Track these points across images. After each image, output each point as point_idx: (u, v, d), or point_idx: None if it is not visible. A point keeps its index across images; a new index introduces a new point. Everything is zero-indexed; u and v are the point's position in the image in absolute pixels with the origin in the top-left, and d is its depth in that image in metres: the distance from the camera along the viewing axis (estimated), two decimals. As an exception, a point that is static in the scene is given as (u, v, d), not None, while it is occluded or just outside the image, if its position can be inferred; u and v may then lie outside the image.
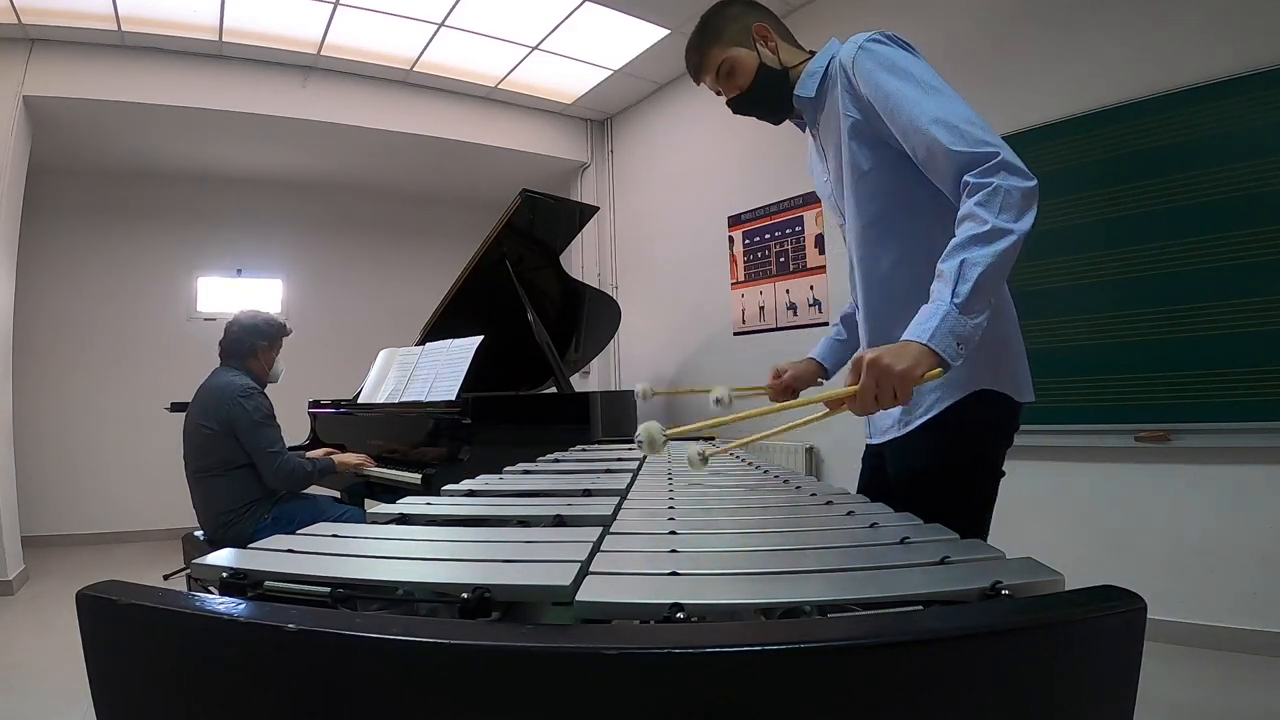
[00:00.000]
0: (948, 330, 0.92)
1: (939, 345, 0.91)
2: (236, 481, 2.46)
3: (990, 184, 0.97)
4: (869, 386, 0.90)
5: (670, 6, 3.81)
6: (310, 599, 0.56)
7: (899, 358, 0.90)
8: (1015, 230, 0.95)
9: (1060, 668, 0.42)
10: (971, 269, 0.93)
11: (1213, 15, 2.38)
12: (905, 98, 1.06)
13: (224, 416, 2.43)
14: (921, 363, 0.90)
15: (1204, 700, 2.04)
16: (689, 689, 0.37)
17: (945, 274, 0.96)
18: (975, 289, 0.93)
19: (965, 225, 0.98)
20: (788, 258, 3.89)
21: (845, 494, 1.03)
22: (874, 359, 0.90)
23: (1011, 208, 0.96)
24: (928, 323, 0.93)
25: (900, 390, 0.90)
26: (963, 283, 0.93)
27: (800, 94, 1.24)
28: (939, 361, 0.92)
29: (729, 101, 1.31)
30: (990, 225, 0.95)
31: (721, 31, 1.26)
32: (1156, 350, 2.47)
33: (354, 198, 5.95)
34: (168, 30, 3.82)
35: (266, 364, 2.70)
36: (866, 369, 0.90)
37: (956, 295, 0.93)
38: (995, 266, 0.94)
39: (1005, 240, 0.94)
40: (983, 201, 0.97)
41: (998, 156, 0.98)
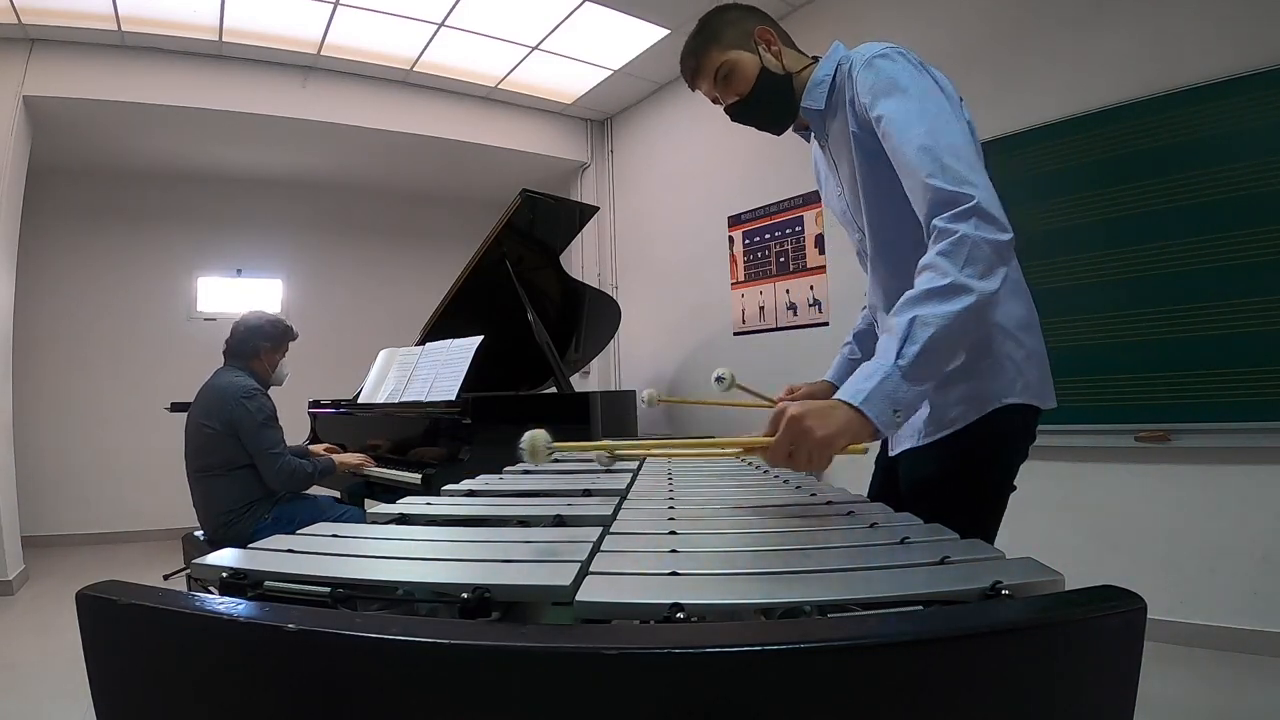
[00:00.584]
0: (885, 394, 0.83)
1: (872, 412, 0.83)
2: (237, 482, 2.46)
3: (957, 232, 0.88)
4: (783, 444, 0.82)
5: (670, 6, 3.81)
6: (310, 599, 0.56)
7: (823, 421, 0.81)
8: (977, 290, 0.86)
9: (1060, 668, 0.42)
10: (921, 330, 0.85)
11: (1213, 15, 2.38)
12: (895, 119, 1.00)
13: (226, 417, 2.43)
14: (847, 431, 0.82)
15: (1204, 700, 2.04)
16: (689, 689, 0.37)
17: (893, 329, 0.87)
18: (923, 353, 0.84)
19: (924, 276, 0.89)
20: (788, 258, 3.89)
21: (845, 494, 1.03)
22: (796, 416, 0.82)
23: (978, 262, 0.87)
24: (864, 383, 0.84)
25: (816, 457, 0.82)
26: (910, 344, 0.84)
27: (809, 105, 1.18)
28: (869, 429, 0.83)
29: (728, 108, 1.22)
30: (950, 280, 0.86)
31: (720, 34, 1.18)
32: (1156, 350, 2.47)
33: (354, 198, 5.95)
34: (168, 30, 3.82)
35: (270, 365, 2.69)
36: (785, 425, 0.82)
37: (901, 357, 0.84)
38: (949, 330, 0.85)
39: (964, 300, 0.85)
40: (947, 251, 0.88)
41: (972, 201, 0.90)
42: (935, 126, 0.97)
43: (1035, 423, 1.12)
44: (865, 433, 0.84)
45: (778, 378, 1.54)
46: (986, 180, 0.94)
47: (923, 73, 1.05)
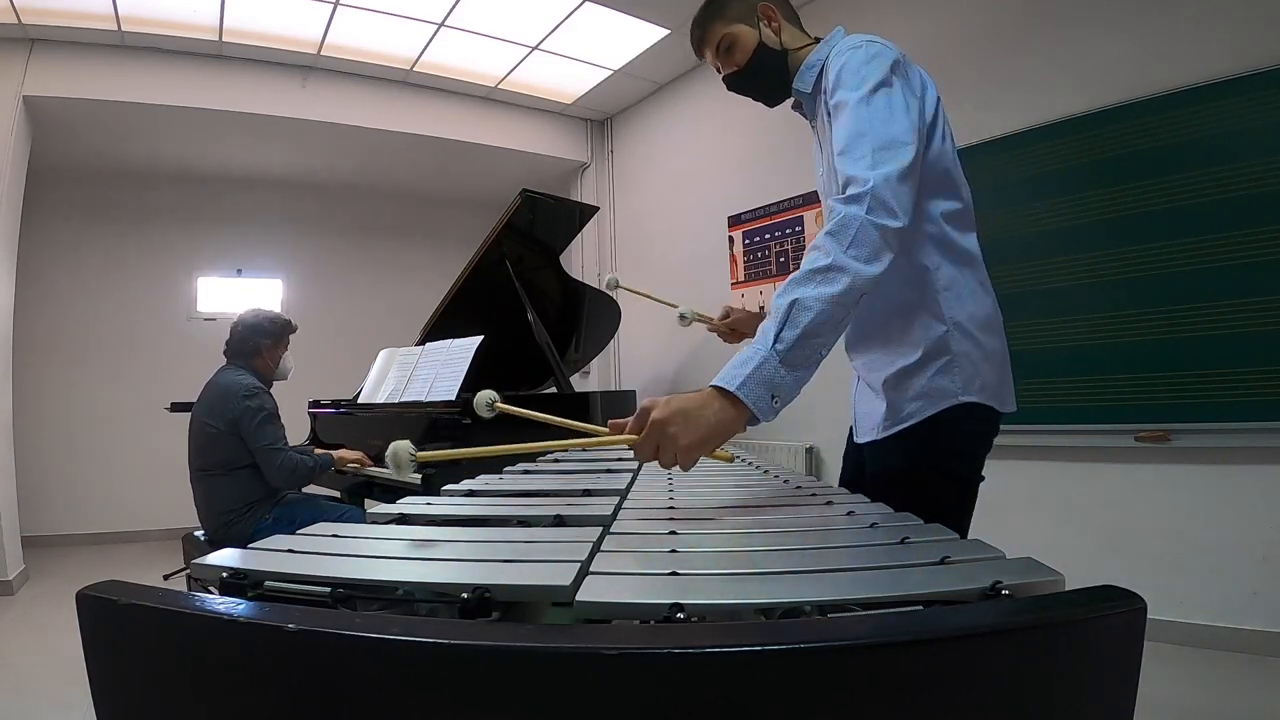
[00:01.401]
0: (762, 380, 0.82)
1: (748, 396, 0.82)
2: (238, 481, 2.46)
3: (843, 212, 0.90)
4: (648, 446, 0.81)
5: (670, 6, 3.81)
6: (310, 599, 0.56)
7: (687, 427, 0.79)
8: (857, 273, 0.86)
9: (1060, 668, 0.42)
10: (802, 314, 0.84)
11: (1213, 15, 2.38)
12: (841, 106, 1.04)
13: (229, 416, 2.44)
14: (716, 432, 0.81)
15: (1204, 700, 2.04)
16: (689, 689, 0.37)
17: (774, 312, 0.87)
18: (801, 337, 0.83)
19: (810, 255, 0.90)
20: (788, 258, 3.89)
21: (845, 494, 1.03)
22: (660, 421, 0.79)
23: (863, 244, 0.87)
24: (740, 368, 0.83)
25: (682, 460, 0.81)
26: (789, 328, 0.84)
27: (798, 87, 1.24)
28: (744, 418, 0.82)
29: (725, 78, 1.28)
30: (831, 260, 0.86)
31: (726, 6, 1.24)
32: (1156, 350, 2.47)
33: (354, 198, 5.95)
34: (168, 30, 3.82)
35: (272, 362, 2.69)
36: (649, 428, 0.80)
37: (780, 341, 0.83)
38: (828, 314, 0.84)
39: (843, 280, 0.85)
40: (834, 231, 0.89)
41: (868, 184, 0.90)
42: (870, 116, 0.99)
43: (995, 422, 1.15)
44: (740, 423, 0.83)
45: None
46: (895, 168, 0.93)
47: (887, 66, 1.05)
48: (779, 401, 0.83)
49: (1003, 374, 1.15)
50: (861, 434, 1.24)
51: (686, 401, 0.81)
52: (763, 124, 4.05)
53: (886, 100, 1.01)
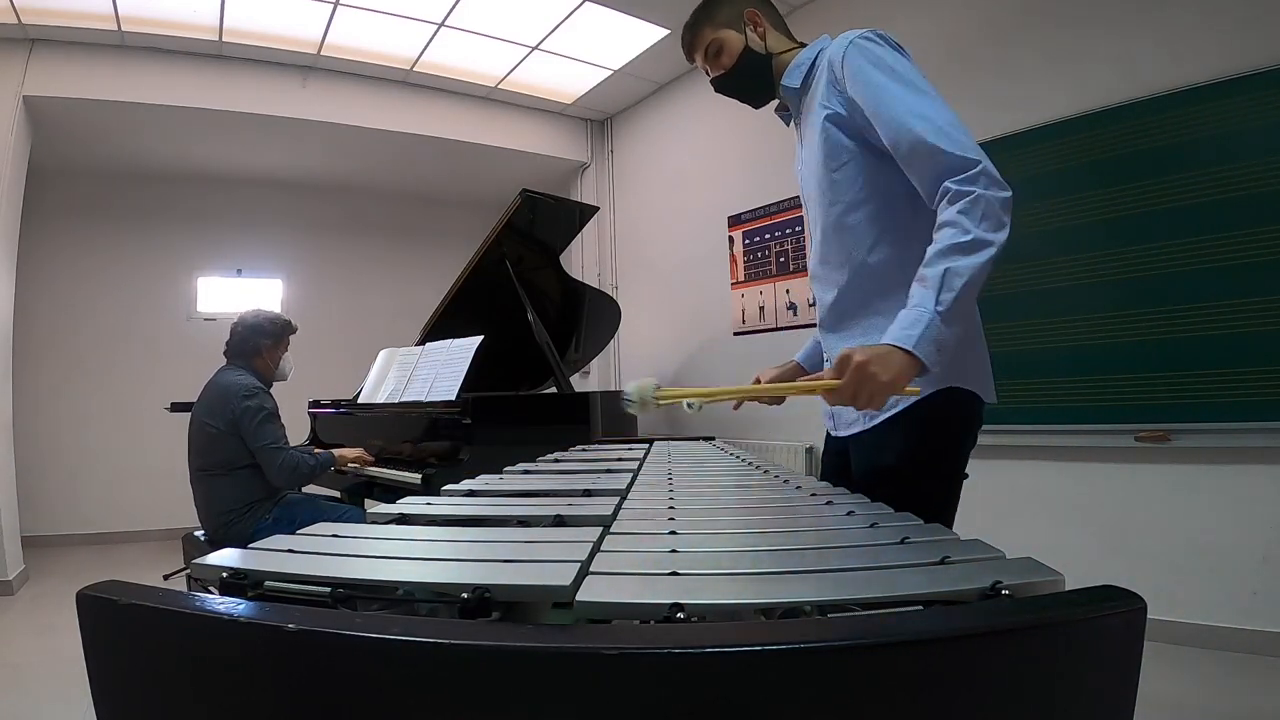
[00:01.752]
0: (931, 338, 0.94)
1: (922, 352, 0.93)
2: (239, 481, 2.46)
3: (972, 192, 0.99)
4: (849, 386, 0.92)
5: (670, 6, 3.82)
6: (310, 599, 0.56)
7: (885, 366, 0.92)
8: (994, 242, 0.97)
9: (1060, 668, 0.42)
10: (955, 279, 0.96)
11: (1213, 15, 2.38)
12: (892, 94, 1.08)
13: (229, 416, 2.44)
14: (905, 373, 0.93)
15: (1204, 700, 2.04)
16: (689, 689, 0.37)
17: (928, 279, 0.97)
18: (957, 300, 0.95)
19: (946, 231, 0.99)
20: (788, 258, 3.89)
21: (845, 494, 1.03)
22: (862, 362, 0.92)
23: (991, 217, 0.98)
24: (911, 329, 0.95)
25: (877, 398, 0.92)
26: (946, 291, 0.95)
27: (786, 83, 1.27)
28: (920, 368, 0.94)
29: (712, 81, 1.34)
30: (972, 235, 0.97)
31: (715, 13, 1.29)
32: (1156, 350, 2.47)
33: (353, 198, 5.95)
34: (168, 30, 3.82)
35: (272, 363, 2.70)
36: (853, 369, 0.92)
37: (940, 303, 0.95)
38: (975, 279, 0.96)
39: (986, 252, 0.97)
40: (965, 210, 0.99)
41: (979, 165, 1.00)
42: (932, 102, 1.07)
43: (980, 412, 1.17)
44: (915, 371, 0.95)
45: (778, 378, 1.55)
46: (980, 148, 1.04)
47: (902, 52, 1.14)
48: (943, 355, 0.95)
49: (984, 363, 1.18)
50: (843, 426, 1.26)
51: (879, 350, 0.94)
52: (763, 124, 4.04)
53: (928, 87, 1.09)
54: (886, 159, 1.12)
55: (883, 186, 1.15)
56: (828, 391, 0.96)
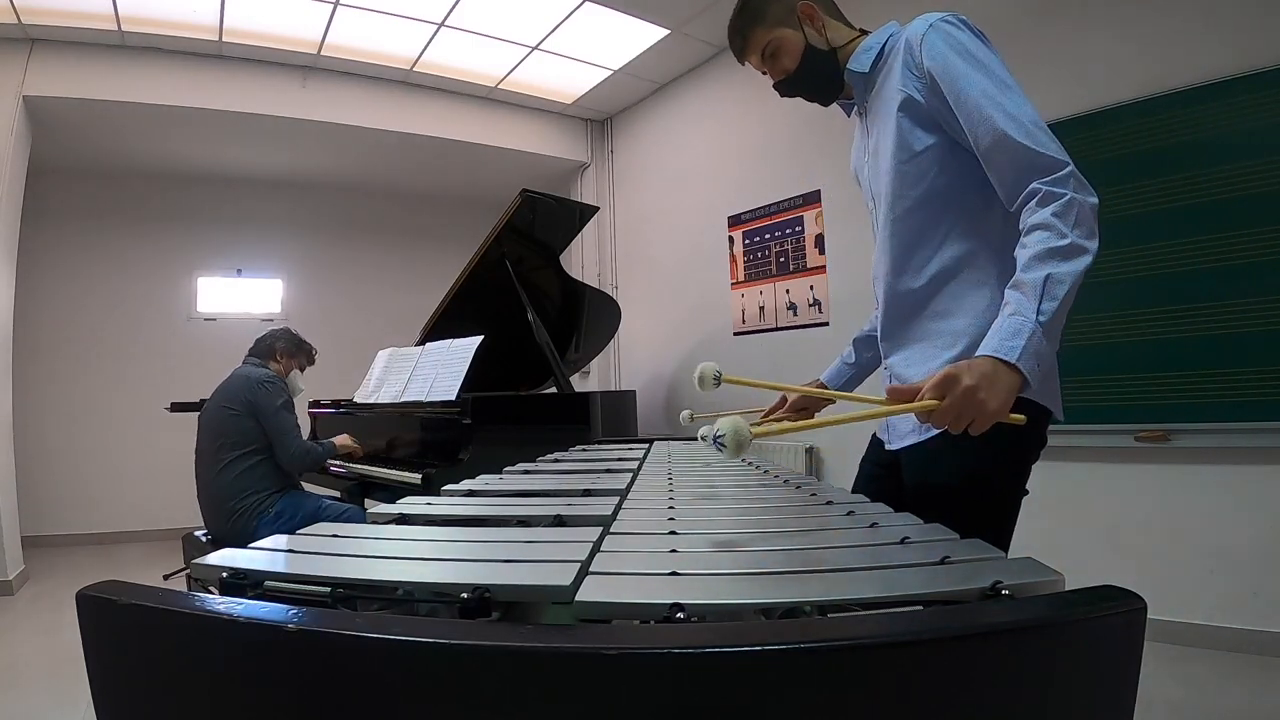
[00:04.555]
0: (1033, 351, 0.86)
1: (1026, 366, 0.85)
2: (247, 470, 2.55)
3: (1065, 195, 0.93)
4: (951, 410, 0.83)
5: (670, 6, 3.82)
6: (310, 599, 0.56)
7: (993, 391, 0.83)
8: (1091, 250, 0.90)
9: (1060, 668, 0.42)
10: (1058, 286, 0.88)
11: (1214, 15, 2.38)
12: (976, 84, 1.00)
13: (247, 398, 2.60)
14: (1012, 395, 0.85)
15: (1204, 700, 2.04)
16: (689, 689, 0.37)
17: (1028, 286, 0.89)
18: (1059, 309, 0.88)
19: (1040, 234, 0.92)
20: (788, 258, 3.89)
21: (845, 494, 1.03)
22: (971, 388, 0.82)
23: (1085, 223, 0.92)
24: (1014, 339, 0.86)
25: (980, 425, 0.84)
26: (1048, 300, 0.88)
27: (853, 68, 1.17)
28: (1022, 384, 0.85)
29: (776, 84, 1.24)
30: (1070, 240, 0.90)
31: (764, 12, 1.19)
32: (1156, 350, 2.47)
33: (354, 198, 5.95)
34: (168, 30, 3.82)
35: (284, 369, 2.87)
36: (961, 394, 0.82)
37: (1042, 313, 0.87)
38: (1074, 288, 0.89)
39: (1083, 259, 0.90)
40: (1059, 213, 0.92)
41: (1068, 167, 0.95)
42: (1016, 98, 1.00)
43: (1046, 426, 1.09)
44: (1018, 391, 0.86)
45: (778, 378, 1.54)
46: None
47: (990, 44, 1.06)
48: (1042, 370, 0.87)
49: (1054, 377, 1.09)
50: (896, 439, 1.16)
51: (984, 368, 0.85)
52: (763, 124, 4.05)
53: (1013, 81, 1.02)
54: (961, 151, 1.05)
55: (956, 181, 1.07)
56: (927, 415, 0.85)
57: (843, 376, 1.47)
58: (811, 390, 1.22)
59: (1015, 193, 0.98)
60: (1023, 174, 0.97)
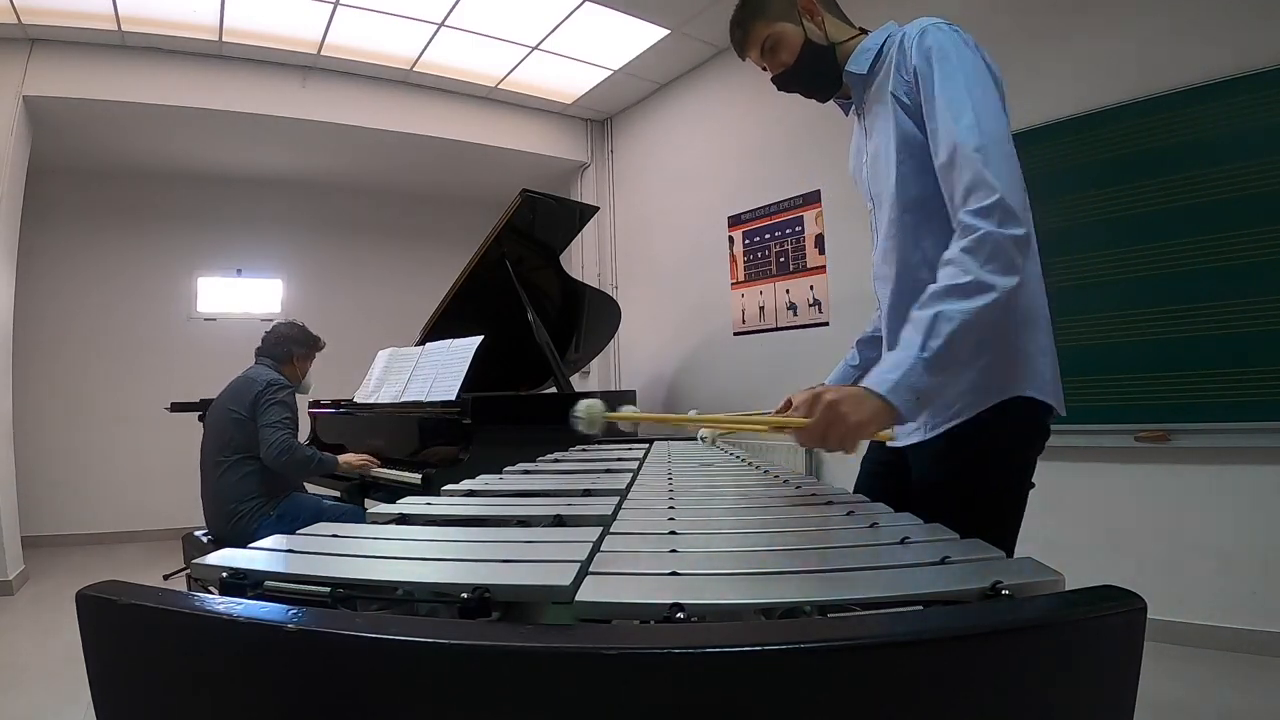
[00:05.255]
0: (909, 385, 0.88)
1: (898, 400, 0.88)
2: (250, 474, 2.54)
3: (980, 230, 0.92)
4: (818, 427, 0.88)
5: (670, 6, 3.82)
6: (310, 599, 0.56)
7: (856, 408, 0.87)
8: (998, 287, 0.90)
9: (1060, 668, 0.42)
10: (945, 324, 0.89)
11: (1214, 15, 2.38)
12: (945, 94, 1.01)
13: (251, 400, 2.56)
14: (877, 419, 0.87)
15: (1204, 700, 2.04)
16: (689, 689, 0.37)
17: (917, 322, 0.91)
18: (946, 345, 0.89)
19: (946, 270, 0.93)
20: (788, 258, 3.89)
21: (845, 494, 1.03)
22: (833, 401, 0.87)
23: (999, 258, 0.91)
24: (890, 373, 0.89)
25: (848, 442, 0.87)
26: (933, 338, 0.89)
27: (851, 69, 1.18)
28: (894, 416, 0.88)
29: (774, 78, 1.24)
30: (972, 278, 0.90)
31: (766, 6, 1.20)
32: (1156, 350, 2.47)
33: (354, 198, 5.95)
34: (168, 30, 3.82)
35: (301, 372, 2.87)
36: (823, 408, 0.87)
37: (925, 350, 0.89)
38: (971, 324, 0.89)
39: (986, 296, 0.90)
40: (970, 248, 0.92)
41: (996, 196, 0.93)
42: (980, 110, 0.99)
43: (1049, 422, 1.10)
44: (891, 419, 0.89)
45: (778, 378, 1.56)
46: (1015, 171, 0.97)
47: (975, 51, 1.05)
48: (922, 404, 0.90)
49: (1056, 373, 1.10)
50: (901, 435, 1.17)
51: (854, 391, 0.89)
52: (763, 124, 4.05)
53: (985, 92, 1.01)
54: None
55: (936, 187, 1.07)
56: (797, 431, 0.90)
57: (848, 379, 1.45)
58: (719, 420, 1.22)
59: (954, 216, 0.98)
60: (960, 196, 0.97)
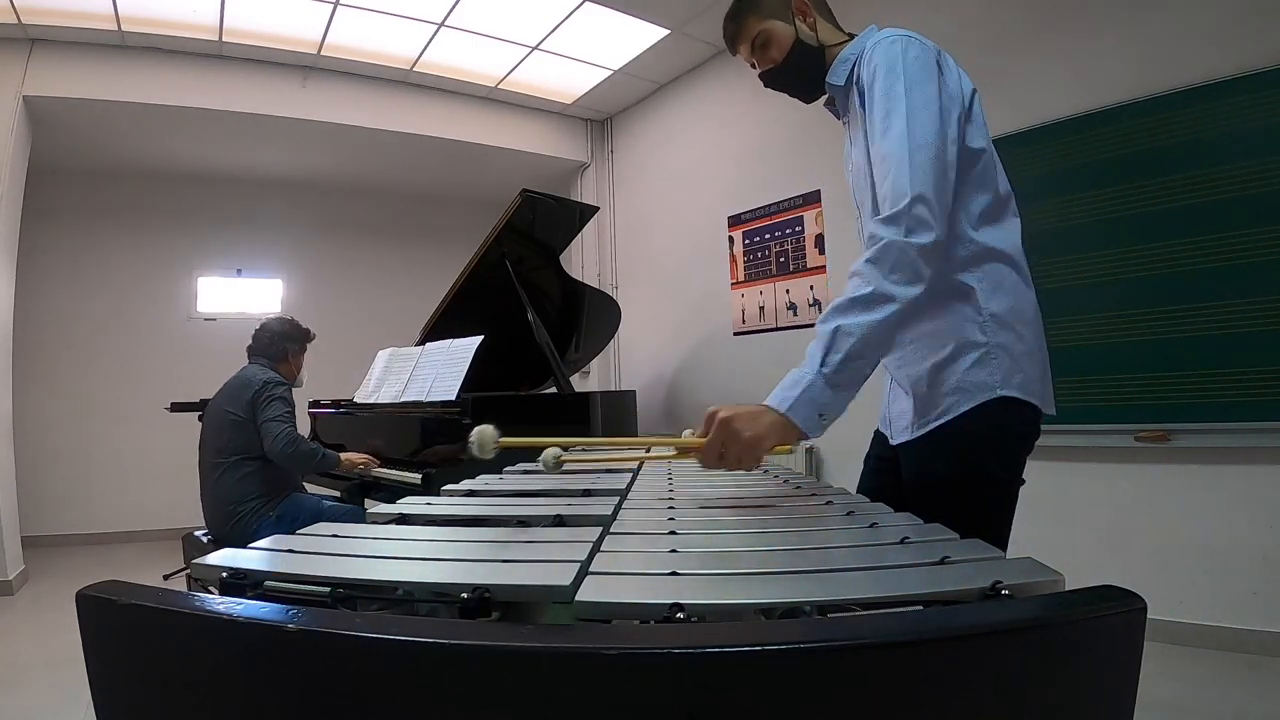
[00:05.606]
0: (809, 400, 0.89)
1: (798, 417, 0.89)
2: (250, 474, 2.53)
3: (883, 239, 0.94)
4: (714, 444, 0.88)
5: (670, 6, 3.82)
6: (310, 599, 0.56)
7: (751, 424, 0.88)
8: (899, 298, 0.91)
9: (1060, 668, 0.42)
10: (844, 339, 0.90)
11: (1214, 15, 2.38)
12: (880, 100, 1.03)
13: (249, 400, 2.55)
14: (773, 434, 0.88)
15: (1204, 700, 2.04)
16: (689, 689, 0.37)
17: (818, 336, 0.92)
18: (845, 361, 0.90)
19: (851, 282, 0.95)
20: (788, 258, 3.89)
21: (845, 494, 1.03)
22: (726, 419, 0.88)
23: (903, 268, 0.92)
24: (789, 390, 0.90)
25: (745, 457, 0.88)
26: (834, 353, 0.90)
27: (831, 81, 1.20)
28: (795, 433, 0.89)
29: (761, 75, 1.26)
30: (873, 289, 0.92)
31: (761, 2, 1.22)
32: (1156, 350, 2.47)
33: (354, 198, 5.95)
34: (168, 30, 3.82)
35: (296, 368, 2.85)
36: (716, 426, 0.88)
37: (825, 365, 0.90)
38: (871, 338, 0.91)
39: (887, 308, 0.91)
40: (874, 259, 0.94)
41: (905, 202, 0.94)
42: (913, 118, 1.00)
43: (1037, 421, 1.10)
44: (791, 435, 0.90)
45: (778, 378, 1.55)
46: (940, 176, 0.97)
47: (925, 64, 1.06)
48: (826, 419, 0.91)
49: (1044, 373, 1.11)
50: (896, 435, 1.19)
51: (752, 409, 0.90)
52: (762, 124, 4.05)
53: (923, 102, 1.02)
54: None
55: None
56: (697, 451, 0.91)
57: None
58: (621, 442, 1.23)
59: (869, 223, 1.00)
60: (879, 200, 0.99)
